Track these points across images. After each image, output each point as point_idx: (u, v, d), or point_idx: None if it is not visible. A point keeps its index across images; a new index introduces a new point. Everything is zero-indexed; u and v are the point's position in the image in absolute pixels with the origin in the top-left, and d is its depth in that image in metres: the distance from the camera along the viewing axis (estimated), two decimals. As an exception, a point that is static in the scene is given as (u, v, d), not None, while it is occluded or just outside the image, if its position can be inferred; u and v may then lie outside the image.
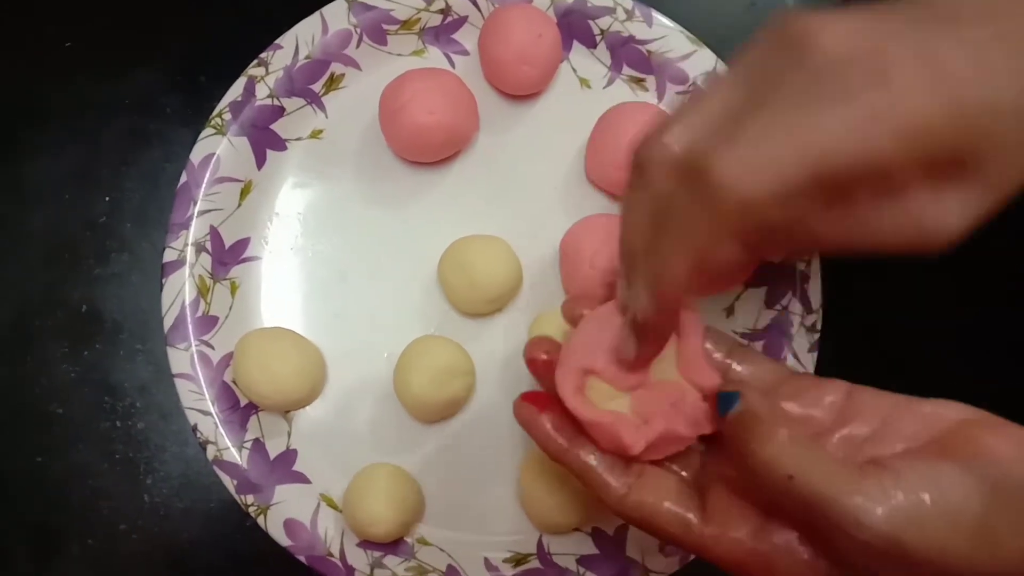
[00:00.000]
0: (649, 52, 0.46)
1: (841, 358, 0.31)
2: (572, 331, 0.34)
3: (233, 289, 0.44)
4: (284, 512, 0.42)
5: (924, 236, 0.26)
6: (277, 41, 0.45)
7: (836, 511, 0.25)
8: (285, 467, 0.43)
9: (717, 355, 0.34)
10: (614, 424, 0.31)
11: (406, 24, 0.46)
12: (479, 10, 0.46)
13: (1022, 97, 0.24)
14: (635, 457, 0.31)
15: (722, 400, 0.29)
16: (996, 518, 0.25)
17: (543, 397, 0.33)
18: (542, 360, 0.33)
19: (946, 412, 0.29)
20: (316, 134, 0.46)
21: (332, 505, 0.43)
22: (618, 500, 0.30)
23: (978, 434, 0.27)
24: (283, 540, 0.42)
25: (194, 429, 0.42)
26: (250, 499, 0.42)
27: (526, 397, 0.33)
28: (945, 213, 0.25)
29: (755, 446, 0.27)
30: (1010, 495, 0.25)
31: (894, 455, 0.28)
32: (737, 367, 0.34)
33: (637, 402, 0.32)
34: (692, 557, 0.43)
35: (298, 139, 0.46)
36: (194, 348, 0.43)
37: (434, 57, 0.47)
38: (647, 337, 0.31)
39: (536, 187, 0.46)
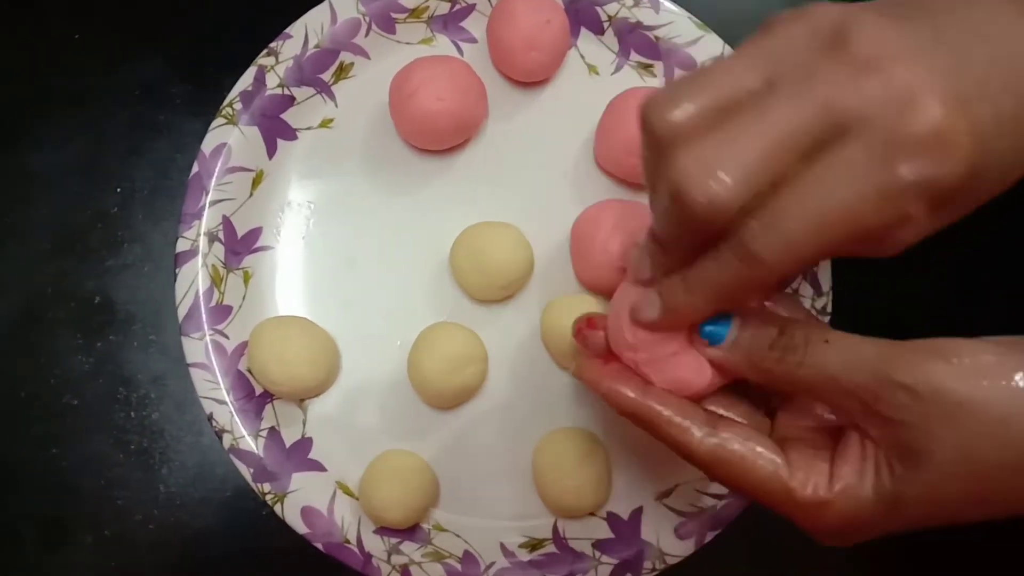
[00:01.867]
0: (657, 38, 0.46)
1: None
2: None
3: (246, 278, 0.44)
4: (301, 500, 0.42)
5: (884, 253, 0.28)
6: (286, 30, 0.45)
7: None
8: (301, 455, 0.43)
9: None
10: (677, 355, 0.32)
11: (414, 12, 0.46)
12: (487, -3, 0.46)
13: (1017, 107, 0.25)
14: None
15: (712, 335, 0.31)
16: None
17: (593, 321, 0.35)
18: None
19: None
20: (326, 123, 0.46)
21: (348, 492, 0.43)
22: (700, 441, 0.31)
23: None
24: (300, 528, 0.42)
25: (209, 418, 0.42)
26: (267, 487, 0.42)
27: (581, 327, 0.35)
28: (908, 237, 0.27)
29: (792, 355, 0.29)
30: None
31: None
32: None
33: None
34: (708, 540, 0.43)
35: (308, 128, 0.46)
36: (208, 337, 0.43)
37: (442, 45, 0.47)
38: (670, 318, 0.31)
39: (546, 173, 0.46)
